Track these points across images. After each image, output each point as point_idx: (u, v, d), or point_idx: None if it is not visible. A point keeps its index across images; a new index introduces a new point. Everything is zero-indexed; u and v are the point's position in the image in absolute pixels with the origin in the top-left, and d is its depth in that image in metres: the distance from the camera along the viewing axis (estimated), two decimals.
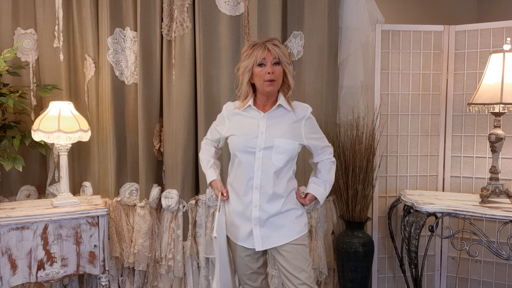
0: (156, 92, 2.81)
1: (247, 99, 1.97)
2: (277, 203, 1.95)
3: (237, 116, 2.00)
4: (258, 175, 1.91)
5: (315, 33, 2.75)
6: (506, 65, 2.42)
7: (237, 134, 1.96)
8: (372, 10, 2.84)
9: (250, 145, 1.92)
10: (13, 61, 2.68)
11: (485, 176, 2.79)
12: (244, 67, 1.92)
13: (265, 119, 1.94)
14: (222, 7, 2.72)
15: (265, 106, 1.98)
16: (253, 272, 2.06)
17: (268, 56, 1.87)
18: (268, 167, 1.91)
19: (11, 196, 2.80)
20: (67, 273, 2.48)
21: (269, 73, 1.86)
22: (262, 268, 2.08)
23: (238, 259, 2.05)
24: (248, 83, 1.94)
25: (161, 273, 2.85)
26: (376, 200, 2.93)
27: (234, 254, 2.06)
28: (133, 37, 2.79)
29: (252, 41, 1.97)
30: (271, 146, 1.91)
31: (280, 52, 1.89)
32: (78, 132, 2.50)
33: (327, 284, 2.96)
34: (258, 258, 2.05)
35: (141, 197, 2.82)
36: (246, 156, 1.93)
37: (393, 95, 2.93)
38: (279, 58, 1.88)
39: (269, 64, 1.87)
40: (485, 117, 2.80)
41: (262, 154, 1.91)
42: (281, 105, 1.95)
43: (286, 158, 1.93)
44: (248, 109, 1.98)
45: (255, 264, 2.05)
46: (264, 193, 1.93)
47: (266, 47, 1.88)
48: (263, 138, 1.91)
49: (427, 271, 2.93)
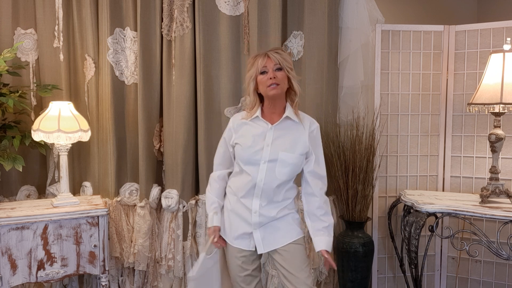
0: (156, 92, 2.81)
1: (254, 109, 1.97)
2: (276, 207, 1.96)
3: (245, 126, 1.99)
4: (260, 186, 1.92)
5: (315, 33, 2.75)
6: (506, 65, 2.42)
7: (242, 145, 1.96)
8: (372, 10, 2.84)
9: (255, 157, 1.92)
10: (13, 61, 2.68)
11: (485, 176, 2.79)
12: (249, 77, 1.94)
13: (272, 131, 1.94)
14: (222, 7, 2.72)
15: (272, 115, 1.97)
16: (248, 275, 2.04)
17: (269, 63, 1.89)
18: (271, 179, 1.91)
19: (11, 196, 2.81)
20: (67, 273, 2.48)
21: (271, 78, 1.87)
22: (257, 270, 2.07)
23: (232, 260, 2.04)
24: (254, 92, 1.95)
25: (161, 273, 2.85)
26: (376, 200, 2.93)
27: (229, 255, 2.05)
28: (133, 37, 2.79)
29: (256, 52, 2.00)
30: (275, 159, 1.91)
31: (281, 58, 1.90)
32: (78, 132, 2.50)
33: (327, 284, 2.96)
34: (254, 260, 2.04)
35: (141, 197, 2.82)
36: (250, 167, 1.93)
37: (393, 95, 2.93)
38: (280, 64, 1.89)
39: (271, 70, 1.89)
40: (485, 117, 2.80)
41: (266, 166, 1.91)
42: (289, 117, 1.95)
43: (289, 172, 1.93)
44: (256, 120, 1.98)
45: (250, 266, 2.03)
46: (264, 200, 1.94)
47: (267, 55, 1.91)
48: (268, 150, 1.91)
49: (427, 271, 2.93)
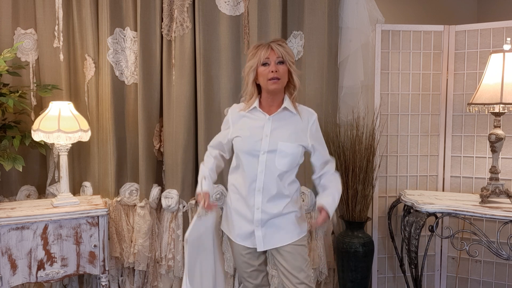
0: (156, 92, 2.81)
1: (252, 100, 1.96)
2: (279, 204, 1.95)
3: (243, 119, 1.99)
4: (261, 178, 1.91)
5: (315, 33, 2.75)
6: (506, 65, 2.42)
7: (241, 136, 1.95)
8: (372, 10, 2.84)
9: (254, 148, 1.91)
10: (13, 61, 2.68)
11: (485, 176, 2.79)
12: (249, 67, 1.92)
13: (270, 122, 1.93)
14: (222, 7, 2.72)
15: (270, 107, 1.97)
16: (254, 270, 2.06)
17: (272, 55, 1.87)
18: (271, 170, 1.91)
19: (11, 196, 2.81)
20: (67, 273, 2.48)
21: (272, 71, 1.86)
22: (263, 265, 2.09)
23: (238, 257, 2.05)
24: (253, 83, 1.94)
25: (161, 273, 2.85)
26: (376, 200, 2.93)
27: (234, 252, 2.07)
28: (133, 37, 2.79)
29: (258, 42, 1.97)
30: (274, 149, 1.90)
31: (284, 51, 1.88)
32: (78, 132, 2.50)
33: (327, 284, 2.96)
34: (259, 255, 2.05)
35: (141, 197, 2.82)
36: (249, 159, 1.92)
37: (393, 95, 2.92)
38: (283, 57, 1.88)
39: (273, 63, 1.87)
40: (485, 117, 2.80)
41: (266, 157, 1.90)
42: (287, 108, 1.95)
43: (289, 163, 1.92)
44: (254, 111, 1.97)
45: (256, 261, 2.05)
46: (266, 195, 1.93)
47: (270, 47, 1.88)
48: (267, 141, 1.91)
49: (427, 271, 2.93)
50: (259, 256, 2.05)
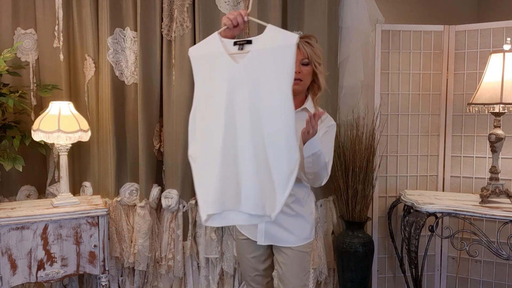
0: (156, 92, 2.81)
1: None
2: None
3: None
4: None
5: (315, 33, 2.73)
6: (506, 65, 2.42)
7: None
8: (372, 10, 2.84)
9: None
10: (13, 61, 2.68)
11: (485, 176, 2.79)
12: None
13: None
14: (222, 7, 2.72)
15: None
16: (258, 275, 2.03)
17: (298, 55, 1.76)
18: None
19: (11, 196, 2.80)
20: (67, 273, 2.48)
21: (295, 72, 1.71)
22: (268, 270, 2.05)
23: (243, 260, 2.04)
24: None
25: (161, 273, 2.85)
26: (376, 200, 2.93)
27: (239, 254, 2.06)
28: (133, 37, 2.78)
29: None
30: None
31: (311, 52, 1.81)
32: (78, 132, 2.50)
33: (327, 284, 2.96)
34: (264, 260, 2.01)
35: (141, 197, 2.82)
36: None
37: (393, 95, 2.93)
38: (309, 58, 1.81)
39: (298, 63, 1.79)
40: (485, 117, 2.80)
41: None
42: (306, 109, 1.86)
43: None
44: None
45: (261, 266, 2.01)
46: None
47: (297, 45, 1.76)
48: None
49: (427, 271, 2.93)
50: (264, 261, 2.01)
